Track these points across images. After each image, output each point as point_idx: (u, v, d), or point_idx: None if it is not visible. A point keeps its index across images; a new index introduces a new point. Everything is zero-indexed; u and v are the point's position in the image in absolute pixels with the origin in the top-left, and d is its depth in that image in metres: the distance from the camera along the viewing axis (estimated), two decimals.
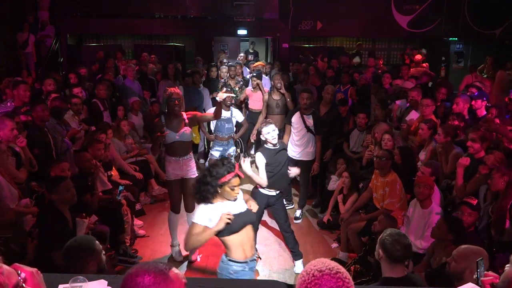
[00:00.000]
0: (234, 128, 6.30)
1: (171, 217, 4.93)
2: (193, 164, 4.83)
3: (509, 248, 3.31)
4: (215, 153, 6.12)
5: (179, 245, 4.97)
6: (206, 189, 2.92)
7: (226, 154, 6.14)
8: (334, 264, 1.51)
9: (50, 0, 11.05)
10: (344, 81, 8.05)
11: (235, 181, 2.92)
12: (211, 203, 2.96)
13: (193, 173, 4.79)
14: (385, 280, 2.74)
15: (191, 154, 4.87)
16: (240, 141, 6.83)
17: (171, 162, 4.70)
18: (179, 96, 4.58)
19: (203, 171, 3.03)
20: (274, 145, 4.54)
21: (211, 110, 4.74)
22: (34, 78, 8.97)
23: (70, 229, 3.71)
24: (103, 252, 2.80)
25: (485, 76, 9.41)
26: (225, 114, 6.06)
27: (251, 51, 12.78)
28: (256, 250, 3.19)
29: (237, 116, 6.30)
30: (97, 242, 2.78)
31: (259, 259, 3.98)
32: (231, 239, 2.99)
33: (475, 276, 2.29)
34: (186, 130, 4.61)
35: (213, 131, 6.27)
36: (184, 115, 4.70)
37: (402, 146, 5.28)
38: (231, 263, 3.00)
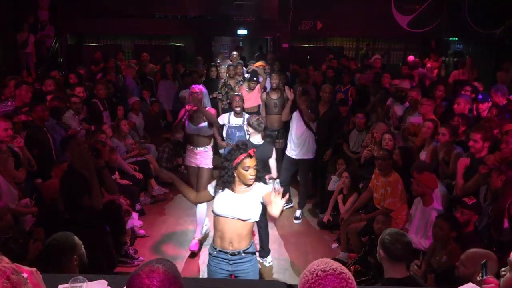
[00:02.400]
0: (247, 136, 6.05)
1: (197, 209, 5.07)
2: (207, 156, 5.08)
3: (509, 248, 3.31)
4: None
5: (199, 239, 5.12)
6: (224, 173, 3.03)
7: None
8: (337, 264, 1.51)
9: (50, 0, 11.06)
10: (344, 81, 8.05)
11: (248, 161, 2.96)
12: (233, 190, 3.04)
13: (207, 164, 5.08)
14: (388, 281, 2.73)
15: (209, 147, 5.10)
16: None
17: (188, 149, 5.12)
18: (198, 90, 4.95)
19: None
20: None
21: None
22: (34, 78, 8.97)
23: (88, 188, 3.67)
24: (82, 246, 2.77)
25: None
26: (236, 121, 5.93)
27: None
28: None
29: None
30: (76, 237, 2.74)
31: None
32: (215, 220, 3.10)
33: (479, 278, 2.28)
34: (203, 124, 4.94)
35: (224, 138, 6.05)
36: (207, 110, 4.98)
37: (402, 147, 5.28)
38: (211, 244, 3.20)
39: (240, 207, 2.99)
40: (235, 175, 3.00)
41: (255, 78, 7.32)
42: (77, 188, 3.62)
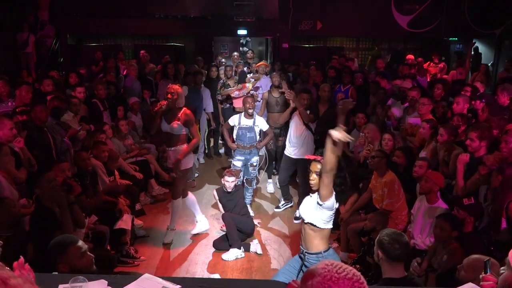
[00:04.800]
0: (258, 137, 5.98)
1: (173, 204, 5.26)
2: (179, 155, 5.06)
3: (507, 248, 3.32)
4: (237, 162, 5.89)
5: (174, 229, 5.34)
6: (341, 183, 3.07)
7: (249, 164, 5.93)
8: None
9: (50, 0, 11.06)
10: (345, 80, 8.04)
11: (312, 166, 3.10)
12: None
13: (182, 164, 5.05)
14: (386, 281, 2.73)
15: (180, 147, 5.05)
16: (264, 151, 6.49)
17: (166, 151, 5.32)
18: (173, 91, 4.87)
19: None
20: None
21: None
22: (34, 78, 8.97)
23: (60, 224, 3.69)
24: (87, 251, 2.66)
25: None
26: (247, 122, 5.84)
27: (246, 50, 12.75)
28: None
29: (261, 124, 5.93)
30: (80, 240, 2.68)
31: None
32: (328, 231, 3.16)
33: (481, 276, 2.28)
34: (175, 124, 4.91)
35: (235, 140, 5.99)
36: (182, 111, 4.94)
37: (403, 147, 5.27)
38: (325, 254, 3.13)
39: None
40: None
41: (250, 76, 7.39)
42: (47, 226, 3.62)
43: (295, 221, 5.87)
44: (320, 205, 3.00)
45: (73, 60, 11.09)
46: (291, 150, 5.90)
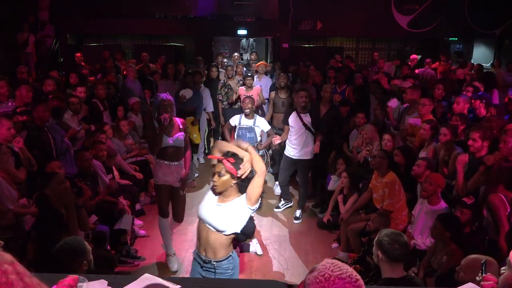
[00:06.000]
0: (259, 138, 5.88)
1: (161, 222, 4.74)
2: (182, 171, 4.67)
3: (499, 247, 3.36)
4: None
5: (175, 253, 4.82)
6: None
7: None
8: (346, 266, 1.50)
9: (50, 0, 11.07)
10: (339, 80, 8.02)
11: (216, 167, 2.78)
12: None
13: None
14: (386, 281, 2.73)
15: (182, 161, 4.67)
16: (265, 152, 6.38)
17: (162, 166, 4.57)
18: (166, 104, 4.44)
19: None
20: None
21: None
22: (34, 78, 8.97)
23: (65, 226, 3.71)
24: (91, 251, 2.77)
25: None
26: (247, 122, 5.77)
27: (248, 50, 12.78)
28: None
29: (261, 125, 5.81)
30: (85, 242, 2.76)
31: None
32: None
33: (478, 278, 2.28)
34: (180, 135, 4.53)
35: (235, 140, 5.87)
36: (178, 120, 4.60)
37: (402, 146, 5.28)
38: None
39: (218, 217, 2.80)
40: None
41: (250, 74, 7.44)
42: (53, 226, 3.61)
43: (295, 221, 5.88)
44: (252, 210, 2.74)
45: (73, 60, 11.09)
46: (291, 151, 5.90)
